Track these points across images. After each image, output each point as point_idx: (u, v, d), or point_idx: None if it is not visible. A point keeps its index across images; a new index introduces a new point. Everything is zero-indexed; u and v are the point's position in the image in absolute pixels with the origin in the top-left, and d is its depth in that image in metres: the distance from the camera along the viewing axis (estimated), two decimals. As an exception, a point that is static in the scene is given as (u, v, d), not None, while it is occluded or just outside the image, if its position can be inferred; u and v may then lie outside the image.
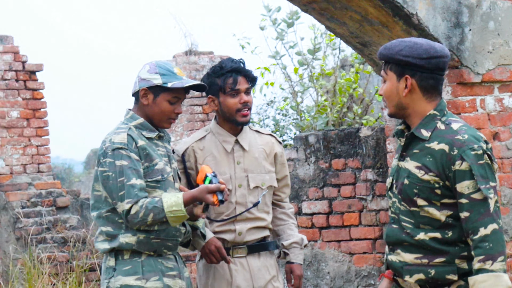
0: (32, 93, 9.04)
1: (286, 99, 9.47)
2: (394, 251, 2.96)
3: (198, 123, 10.82)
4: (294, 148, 6.60)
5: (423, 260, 2.88)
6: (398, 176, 2.95)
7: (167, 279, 3.39)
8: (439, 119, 2.91)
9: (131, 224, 3.33)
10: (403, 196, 2.91)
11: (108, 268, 3.40)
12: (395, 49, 2.90)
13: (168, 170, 3.44)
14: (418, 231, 2.89)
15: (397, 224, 2.95)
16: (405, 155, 2.95)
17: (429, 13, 5.12)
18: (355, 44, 5.64)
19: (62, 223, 8.24)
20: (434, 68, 2.89)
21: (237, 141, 3.86)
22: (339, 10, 5.31)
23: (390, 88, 2.93)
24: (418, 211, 2.89)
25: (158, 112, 3.44)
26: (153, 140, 3.45)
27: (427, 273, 2.87)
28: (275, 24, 8.51)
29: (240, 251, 3.81)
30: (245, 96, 3.79)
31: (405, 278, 2.91)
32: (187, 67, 10.96)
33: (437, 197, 2.86)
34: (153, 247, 3.38)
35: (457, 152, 2.83)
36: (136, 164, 3.34)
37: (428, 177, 2.86)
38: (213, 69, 3.82)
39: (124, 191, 3.31)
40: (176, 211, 3.30)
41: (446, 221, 2.86)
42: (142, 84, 3.44)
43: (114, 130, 3.42)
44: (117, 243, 3.36)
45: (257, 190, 3.84)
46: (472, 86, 5.28)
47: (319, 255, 6.42)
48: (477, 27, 5.25)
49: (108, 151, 3.35)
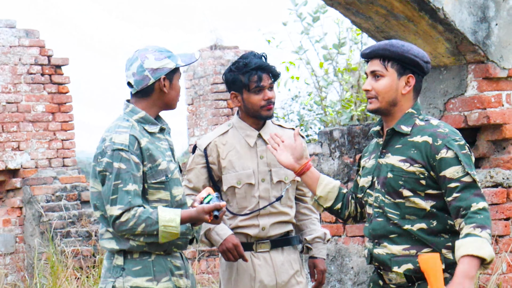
0: (58, 87, 9.10)
1: (311, 94, 9.45)
2: (380, 244, 3.05)
3: (223, 118, 10.83)
4: (319, 143, 6.59)
5: (411, 250, 2.98)
6: (380, 173, 3.07)
7: (175, 278, 3.31)
8: (417, 117, 3.08)
9: (117, 231, 3.20)
10: (387, 189, 3.03)
11: (115, 266, 3.26)
12: (403, 48, 3.05)
13: (173, 167, 3.32)
14: (404, 222, 3.00)
15: (382, 217, 3.05)
16: (385, 152, 3.08)
17: (455, 8, 5.08)
18: (381, 38, 5.61)
19: (86, 217, 8.29)
20: (427, 72, 3.10)
21: (260, 136, 3.85)
22: (364, 4, 5.28)
23: (390, 84, 3.06)
24: (404, 202, 3.00)
25: (175, 95, 3.36)
26: (155, 134, 3.33)
27: (415, 263, 2.96)
28: (301, 19, 8.49)
29: (263, 246, 3.81)
30: (268, 92, 3.78)
31: (394, 269, 3.00)
32: (212, 62, 10.97)
33: (422, 187, 2.98)
34: (163, 247, 3.28)
35: (441, 142, 2.98)
36: (135, 168, 3.21)
37: (413, 168, 2.99)
38: (237, 65, 3.80)
39: (117, 195, 3.18)
40: (170, 227, 3.18)
41: (431, 211, 2.98)
42: (158, 73, 3.29)
43: (115, 128, 3.28)
44: (127, 245, 3.24)
45: (280, 185, 3.84)
46: (498, 81, 5.23)
47: (343, 250, 6.40)
48: (504, 21, 5.19)
49: (107, 151, 3.22)
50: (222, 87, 10.83)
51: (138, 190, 3.21)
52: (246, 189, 3.81)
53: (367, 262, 3.12)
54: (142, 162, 3.25)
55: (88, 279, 7.29)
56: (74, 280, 7.18)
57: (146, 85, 3.31)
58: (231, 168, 3.82)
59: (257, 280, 3.78)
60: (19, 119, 8.87)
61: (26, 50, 8.95)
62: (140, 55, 3.33)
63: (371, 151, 3.18)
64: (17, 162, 8.83)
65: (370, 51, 3.09)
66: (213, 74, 10.94)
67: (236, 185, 3.81)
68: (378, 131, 3.15)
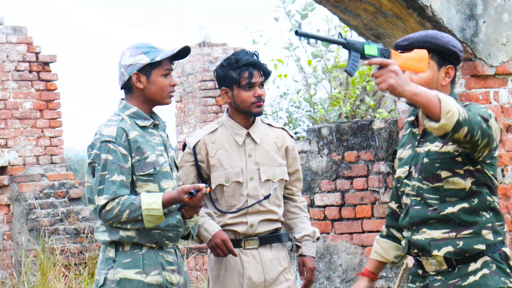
0: (46, 84, 9.07)
1: (299, 91, 9.46)
2: (418, 231, 3.01)
3: (212, 115, 10.82)
4: (307, 140, 6.60)
5: (450, 234, 2.95)
6: (417, 161, 3.03)
7: (166, 273, 3.34)
8: None
9: (104, 220, 3.27)
10: (424, 174, 2.98)
11: (107, 258, 3.33)
12: (443, 40, 3.01)
13: (162, 161, 3.37)
14: (445, 206, 2.96)
15: (420, 205, 3.00)
16: (423, 141, 3.03)
17: (443, 5, 5.09)
18: (369, 36, 5.62)
19: (74, 215, 8.27)
20: (461, 61, 3.05)
21: (249, 134, 3.85)
22: (353, 2, 5.29)
23: (431, 77, 3.02)
24: (442, 185, 2.96)
25: (156, 91, 3.37)
26: (147, 129, 3.38)
27: (455, 245, 2.94)
28: (289, 16, 8.49)
29: (252, 243, 3.81)
30: (259, 89, 3.79)
31: (433, 253, 2.96)
32: (200, 59, 10.96)
33: (459, 165, 2.95)
34: (155, 239, 3.32)
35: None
36: (122, 159, 3.27)
37: (447, 147, 2.95)
38: (228, 61, 3.81)
39: (104, 186, 3.25)
40: (153, 209, 3.22)
41: (471, 189, 2.95)
42: (131, 70, 3.36)
43: (105, 122, 3.36)
44: (117, 236, 3.30)
45: (268, 183, 3.84)
46: (485, 78, 5.25)
47: (331, 248, 6.41)
48: (491, 19, 5.21)
49: (97, 143, 3.30)
50: (211, 84, 10.82)
51: (125, 181, 3.27)
52: (235, 187, 3.81)
53: (404, 251, 3.08)
54: (130, 154, 3.30)
55: (76, 277, 7.27)
56: (62, 278, 7.17)
57: (124, 81, 3.39)
58: (219, 166, 3.82)
59: (245, 277, 3.79)
60: (6, 116, 8.84)
61: (13, 47, 8.91)
62: (121, 53, 3.42)
63: (406, 142, 3.12)
64: (4, 160, 8.79)
65: (408, 44, 3.03)
66: (201, 71, 10.92)
67: (224, 183, 3.81)
68: (412, 121, 3.10)
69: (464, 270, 2.94)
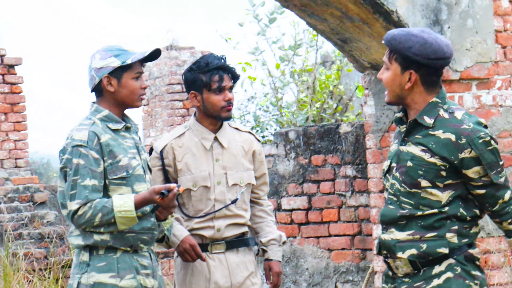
0: (11, 87, 8.97)
1: (267, 95, 9.47)
2: (387, 230, 3.02)
3: (179, 118, 10.79)
4: (274, 144, 6.60)
5: (415, 236, 2.95)
6: (399, 160, 3.02)
7: (140, 277, 3.33)
8: (441, 107, 2.98)
9: (77, 225, 3.25)
10: (405, 178, 2.98)
11: (81, 262, 3.31)
12: (405, 45, 2.94)
13: (135, 164, 3.35)
14: (417, 211, 2.97)
15: (394, 205, 3.01)
16: (407, 140, 3.02)
17: (408, 10, 5.14)
18: (336, 40, 5.64)
19: (39, 219, 8.19)
20: (439, 67, 2.97)
21: (216, 138, 3.85)
22: (319, 6, 5.31)
23: (393, 78, 2.99)
24: (420, 193, 2.96)
25: (127, 94, 3.36)
26: (119, 132, 3.37)
27: (419, 248, 2.94)
28: (258, 20, 8.50)
29: (218, 247, 3.81)
30: (229, 93, 3.79)
31: (398, 255, 2.97)
32: (168, 62, 10.92)
33: (441, 178, 2.94)
34: (129, 242, 3.31)
35: (466, 140, 2.91)
36: (94, 163, 3.26)
37: (435, 159, 2.93)
38: (198, 65, 3.80)
39: (76, 190, 3.23)
40: (125, 211, 3.21)
41: (447, 201, 2.96)
42: (101, 73, 3.34)
43: (77, 126, 3.34)
44: (91, 240, 3.28)
45: (235, 188, 3.84)
46: (450, 83, 5.30)
47: (298, 251, 6.43)
48: (456, 24, 5.27)
49: (68, 148, 3.28)
50: (178, 87, 10.79)
51: (97, 185, 3.25)
52: (202, 191, 3.81)
53: (376, 251, 3.09)
54: (102, 158, 3.29)
55: (41, 282, 7.19)
56: (26, 283, 7.09)
57: (94, 84, 3.37)
58: (187, 171, 3.81)
59: (212, 281, 3.78)
60: (-29, 119, 8.73)
61: (-22, 50, 8.80)
62: (91, 55, 3.40)
63: (395, 136, 3.12)
64: (-32, 163, 8.68)
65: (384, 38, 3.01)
66: (169, 74, 10.89)
67: (192, 187, 3.80)
68: (401, 118, 3.07)
69: (428, 273, 2.95)
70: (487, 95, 5.40)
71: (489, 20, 5.36)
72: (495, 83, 5.43)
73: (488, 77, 5.38)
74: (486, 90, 5.40)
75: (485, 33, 5.34)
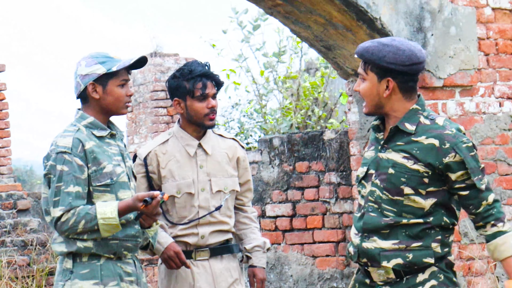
0: (-6, 94, 8.93)
1: (251, 102, 9.48)
2: (369, 238, 3.01)
3: (163, 125, 10.77)
4: (258, 151, 6.61)
5: (400, 245, 2.96)
6: (378, 166, 3.02)
7: (124, 284, 3.32)
8: (421, 114, 3.02)
9: (60, 231, 3.24)
10: (387, 185, 2.98)
11: (65, 270, 3.30)
12: (378, 55, 2.98)
13: (119, 171, 3.34)
14: (400, 219, 2.97)
15: (376, 212, 3.01)
16: (386, 147, 3.03)
17: (392, 18, 5.16)
18: (320, 47, 5.66)
19: (22, 226, 8.14)
20: (415, 73, 3.01)
21: (200, 145, 3.85)
22: (303, 13, 5.32)
23: (370, 88, 3.02)
24: (402, 200, 2.97)
25: (113, 101, 3.35)
26: (104, 139, 3.36)
27: (405, 258, 2.95)
28: (242, 27, 8.51)
29: (202, 254, 3.80)
30: (212, 100, 3.79)
31: (383, 264, 2.97)
32: (152, 69, 10.91)
33: (424, 185, 2.96)
34: (113, 249, 3.30)
35: (449, 145, 2.94)
36: (78, 170, 3.25)
37: (418, 166, 2.95)
38: (181, 72, 3.80)
39: (59, 197, 3.23)
40: (109, 218, 3.21)
41: (429, 210, 2.97)
42: (87, 80, 3.34)
43: (61, 133, 3.33)
44: (75, 247, 3.27)
45: (219, 194, 3.83)
46: (434, 90, 5.33)
47: (282, 258, 6.42)
48: (439, 32, 5.30)
49: (52, 154, 3.27)
50: (162, 94, 10.77)
51: (81, 192, 3.24)
52: (186, 198, 3.80)
53: (353, 259, 3.07)
54: (87, 165, 3.28)
55: (24, 290, 7.15)
56: (10, 291, 7.04)
57: (79, 91, 3.37)
58: (170, 177, 3.80)
59: (196, 289, 3.77)
60: (-47, 126, 8.67)
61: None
62: (77, 62, 3.39)
63: (371, 143, 3.12)
64: (-49, 170, 8.62)
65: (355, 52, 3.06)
66: (153, 81, 10.88)
67: (175, 194, 3.80)
68: (378, 126, 3.09)
69: (412, 281, 2.96)
70: (470, 102, 5.43)
71: (472, 28, 5.40)
72: (478, 90, 5.46)
73: (471, 84, 5.41)
74: (469, 97, 5.43)
75: (468, 41, 5.38)
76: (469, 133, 5.42)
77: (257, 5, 5.44)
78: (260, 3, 5.35)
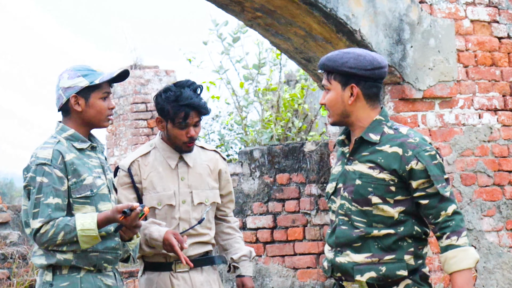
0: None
1: (231, 114, 9.48)
2: (342, 253, 3.02)
3: (143, 137, 10.75)
4: (239, 163, 6.60)
5: (373, 258, 2.97)
6: (346, 179, 3.04)
7: None
8: (385, 124, 3.05)
9: (39, 243, 3.23)
10: (355, 196, 3.00)
11: (45, 283, 3.28)
12: (340, 61, 3.02)
13: (100, 183, 3.34)
14: (371, 230, 2.98)
15: (347, 225, 3.02)
16: (352, 159, 3.05)
17: (371, 30, 5.18)
18: (300, 59, 5.67)
19: (2, 239, 8.07)
20: (378, 77, 3.04)
21: (182, 158, 3.84)
22: (283, 25, 5.34)
23: (335, 97, 3.05)
24: (371, 210, 2.99)
25: (95, 114, 3.36)
26: (85, 151, 3.37)
27: (378, 271, 2.96)
28: (222, 39, 8.52)
29: (182, 266, 3.80)
30: (192, 129, 3.77)
31: (356, 278, 2.97)
32: (132, 81, 10.89)
33: (391, 194, 2.98)
34: (93, 261, 3.29)
35: (412, 153, 2.97)
36: (57, 181, 3.25)
37: (383, 175, 2.98)
38: (167, 96, 3.77)
39: (39, 209, 3.22)
40: (88, 230, 3.20)
41: (399, 218, 2.98)
42: (69, 92, 3.34)
43: (41, 144, 3.33)
44: (54, 259, 3.25)
45: (200, 207, 3.83)
46: (413, 102, 5.35)
47: (263, 270, 6.41)
48: (418, 44, 5.33)
49: (32, 166, 3.27)
50: (142, 106, 10.75)
51: (60, 204, 3.24)
52: (167, 210, 3.79)
53: (328, 273, 3.07)
54: (67, 177, 3.28)
55: (3, 304, 7.08)
56: (-12, 305, 6.98)
57: (61, 104, 3.37)
58: (151, 189, 3.79)
59: (176, 301, 3.76)
60: None
61: None
62: (60, 74, 3.39)
63: (337, 158, 3.15)
64: None
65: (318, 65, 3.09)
66: (133, 93, 10.85)
67: (156, 206, 3.78)
68: (343, 140, 3.12)
69: None
70: (449, 114, 5.46)
71: (451, 40, 5.44)
72: (458, 102, 5.50)
73: (451, 96, 5.44)
74: (449, 109, 5.46)
75: (447, 53, 5.41)
76: (449, 144, 5.45)
77: (237, 18, 5.45)
78: (240, 15, 5.36)
